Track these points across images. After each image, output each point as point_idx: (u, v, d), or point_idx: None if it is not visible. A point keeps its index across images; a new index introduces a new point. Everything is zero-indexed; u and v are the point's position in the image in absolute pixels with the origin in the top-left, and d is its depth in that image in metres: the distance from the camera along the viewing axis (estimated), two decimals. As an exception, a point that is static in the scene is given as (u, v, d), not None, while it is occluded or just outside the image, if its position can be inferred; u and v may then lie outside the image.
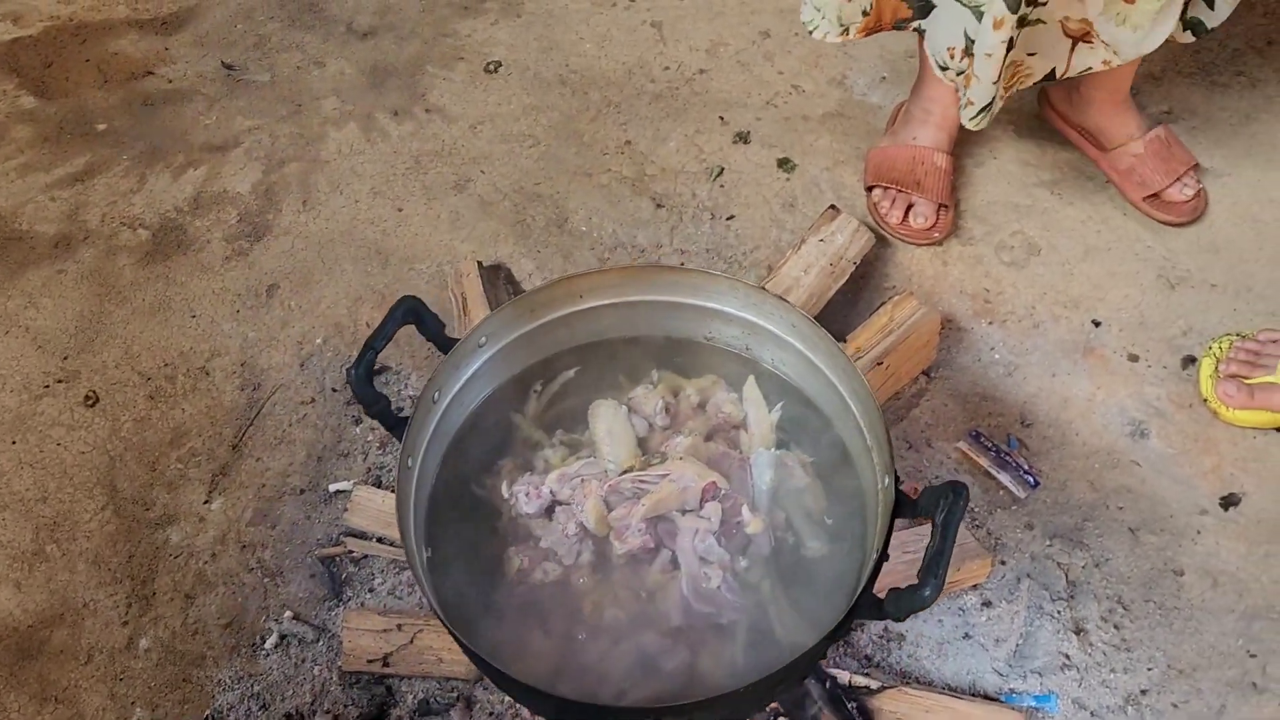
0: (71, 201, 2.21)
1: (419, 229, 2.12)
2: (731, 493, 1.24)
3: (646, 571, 1.23)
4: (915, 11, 1.79)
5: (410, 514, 1.18)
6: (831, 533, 1.24)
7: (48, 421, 1.87)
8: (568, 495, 1.27)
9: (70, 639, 1.65)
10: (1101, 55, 1.72)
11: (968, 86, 1.73)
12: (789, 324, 1.30)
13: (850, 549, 1.21)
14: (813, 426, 1.33)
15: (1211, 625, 1.56)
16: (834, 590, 1.18)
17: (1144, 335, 1.87)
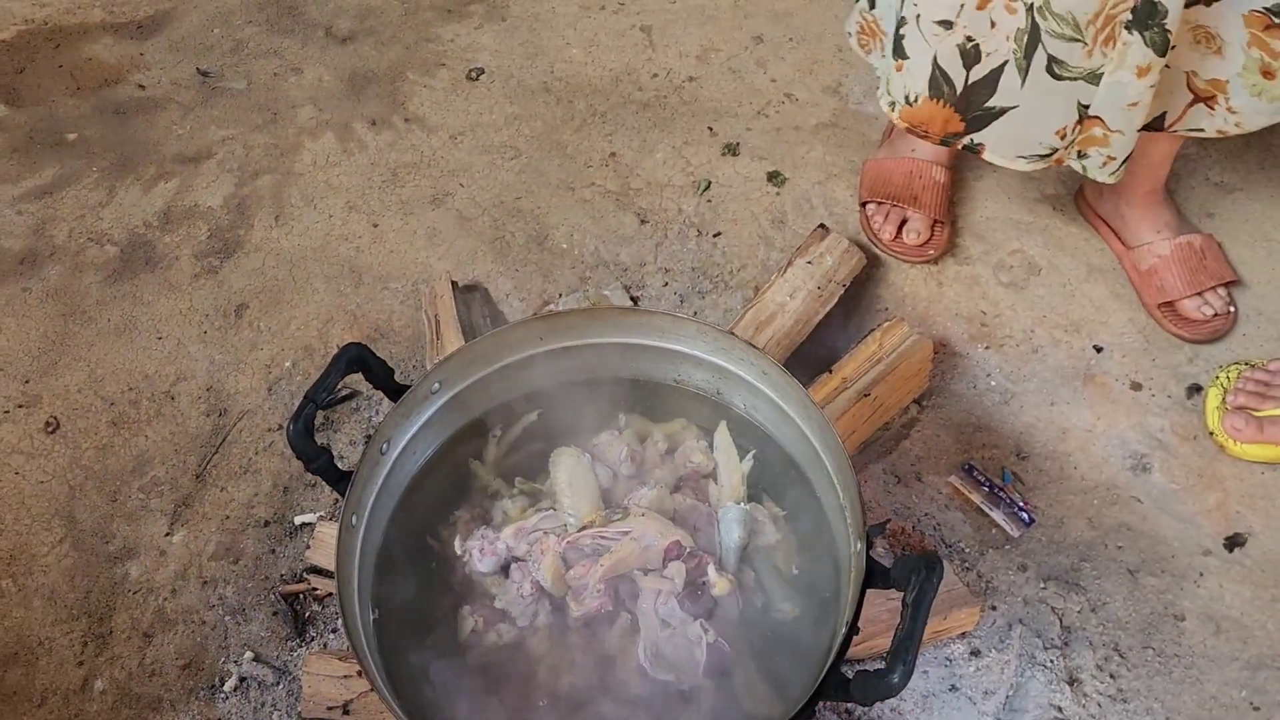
0: (39, 215, 2.15)
1: (394, 245, 2.04)
2: (697, 551, 1.17)
3: (605, 635, 1.15)
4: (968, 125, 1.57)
5: (353, 579, 1.12)
6: (803, 594, 1.17)
7: (6, 449, 1.81)
8: (524, 551, 1.19)
9: (24, 679, 1.59)
10: (1220, 123, 1.52)
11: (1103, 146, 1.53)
12: (759, 370, 1.22)
13: (821, 614, 1.13)
14: (785, 478, 1.25)
15: (1213, 674, 1.48)
16: (803, 658, 1.10)
17: (1148, 362, 1.78)
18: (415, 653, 1.15)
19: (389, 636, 1.15)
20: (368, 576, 1.15)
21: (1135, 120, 1.47)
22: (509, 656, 1.16)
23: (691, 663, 1.12)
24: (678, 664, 1.12)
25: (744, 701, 1.11)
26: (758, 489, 1.26)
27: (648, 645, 1.12)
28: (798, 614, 1.16)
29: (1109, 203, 1.85)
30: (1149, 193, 1.81)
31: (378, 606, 1.16)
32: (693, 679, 1.11)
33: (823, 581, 1.16)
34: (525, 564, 1.19)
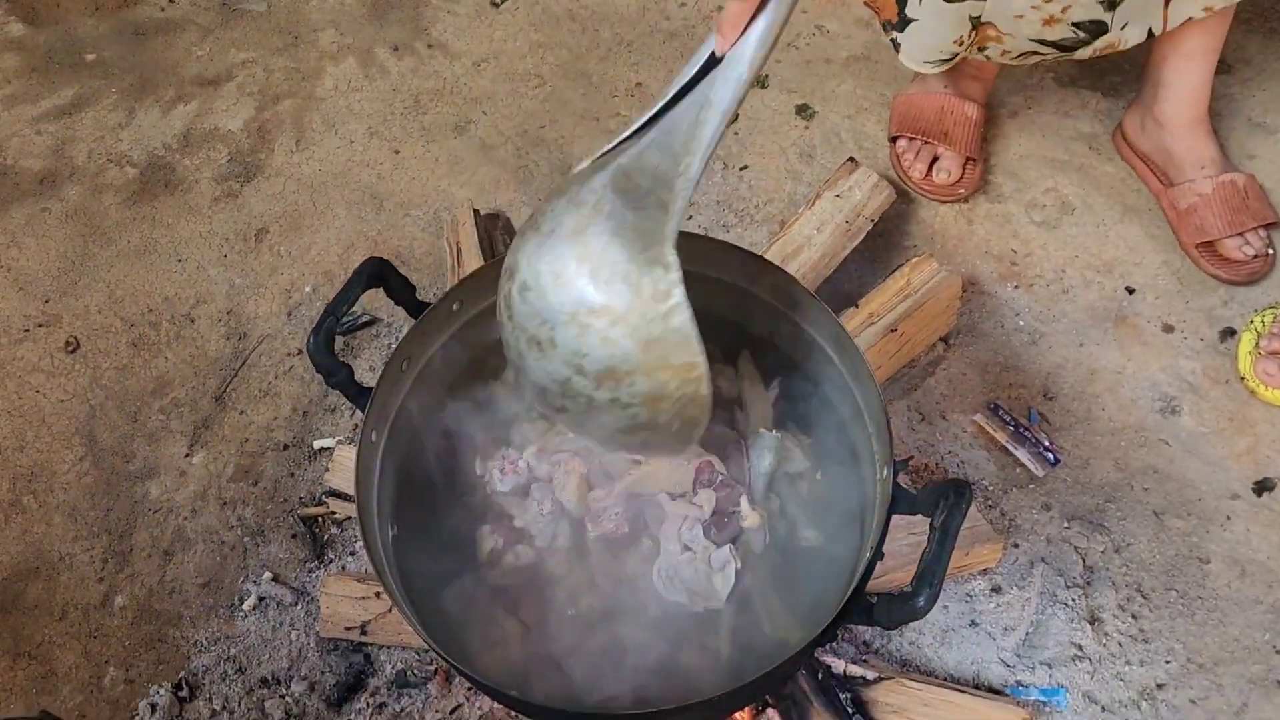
0: (58, 136, 2.13)
1: (416, 173, 2.02)
2: (730, 480, 1.15)
3: (622, 555, 1.14)
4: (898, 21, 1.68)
5: (372, 493, 1.11)
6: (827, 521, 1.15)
7: (27, 367, 1.81)
8: (546, 472, 1.18)
9: (45, 593, 1.61)
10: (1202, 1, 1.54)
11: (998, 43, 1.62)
12: (788, 295, 1.19)
13: (846, 540, 1.12)
14: (811, 406, 1.23)
15: (1237, 617, 1.46)
16: (827, 586, 1.09)
17: (1181, 304, 1.74)
18: (433, 570, 1.14)
19: (407, 554, 1.14)
20: (387, 494, 1.15)
21: (1024, 30, 1.57)
22: (527, 579, 1.15)
23: (707, 588, 1.11)
24: (693, 588, 1.11)
25: (765, 626, 1.10)
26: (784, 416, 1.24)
27: (664, 568, 1.11)
28: (822, 541, 1.15)
29: (1151, 137, 1.80)
30: (1193, 121, 1.75)
31: (396, 524, 1.16)
32: (706, 604, 1.10)
33: (848, 508, 1.15)
34: (546, 484, 1.17)
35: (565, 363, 1.00)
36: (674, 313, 0.96)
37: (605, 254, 0.96)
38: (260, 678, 1.49)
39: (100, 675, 1.54)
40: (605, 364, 0.98)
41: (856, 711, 1.31)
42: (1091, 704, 1.39)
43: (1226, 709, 1.39)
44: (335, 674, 1.48)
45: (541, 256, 0.99)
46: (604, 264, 0.96)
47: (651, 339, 0.96)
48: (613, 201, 0.97)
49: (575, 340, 0.98)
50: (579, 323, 0.98)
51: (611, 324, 0.97)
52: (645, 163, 0.99)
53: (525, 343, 1.03)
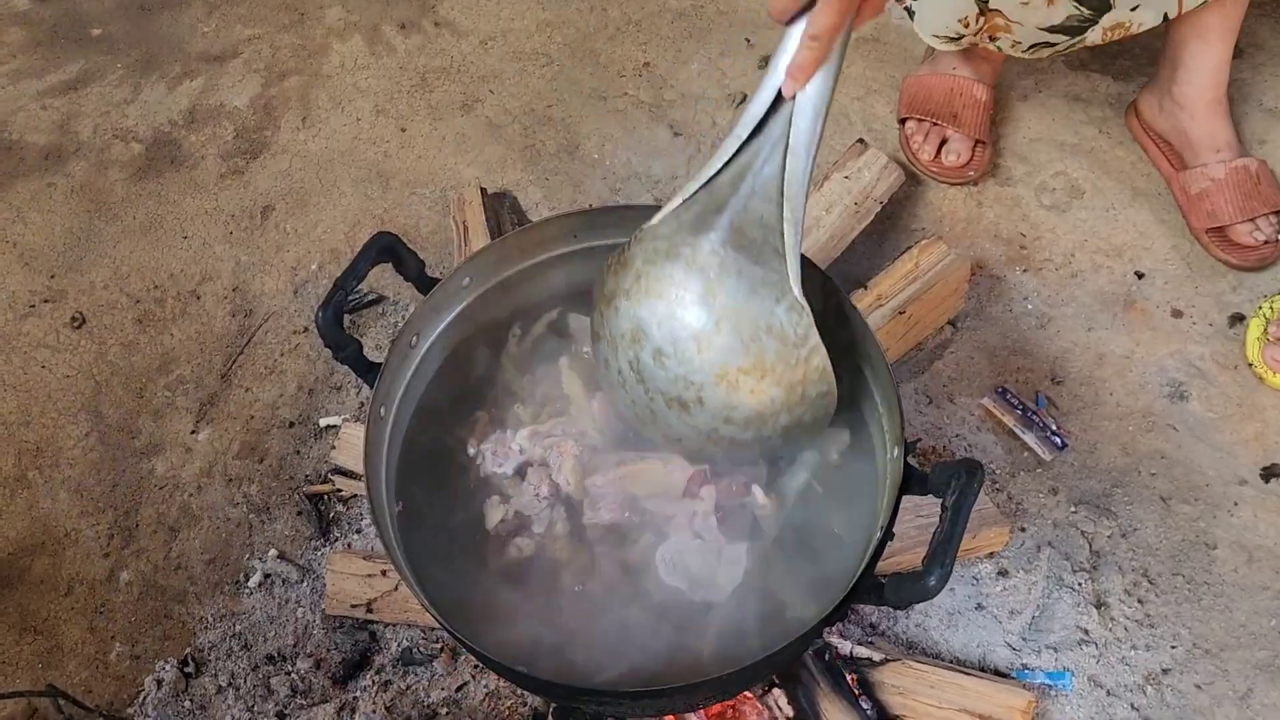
0: (63, 111, 2.12)
1: (423, 151, 2.01)
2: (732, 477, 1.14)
3: (619, 540, 1.14)
4: None
5: (381, 467, 1.10)
6: (837, 503, 1.15)
7: (32, 342, 1.81)
8: (540, 455, 1.17)
9: (51, 569, 1.61)
10: None
11: (1008, 33, 1.62)
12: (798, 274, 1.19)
13: (856, 521, 1.11)
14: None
15: (1243, 603, 1.46)
16: (835, 566, 1.09)
17: (1190, 289, 1.74)
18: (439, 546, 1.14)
19: (412, 529, 1.14)
20: (393, 469, 1.14)
21: (1030, 18, 1.56)
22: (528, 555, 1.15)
23: (709, 580, 1.10)
24: (696, 577, 1.10)
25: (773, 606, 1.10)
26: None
27: (669, 553, 1.10)
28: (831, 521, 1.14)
29: (1170, 117, 1.78)
30: (1212, 103, 1.74)
31: (401, 499, 1.15)
32: (704, 595, 1.10)
33: (858, 488, 1.14)
34: (541, 468, 1.17)
35: (713, 416, 1.06)
36: (814, 354, 1.02)
37: (745, 313, 1.01)
38: (266, 654, 1.49)
39: (106, 651, 1.54)
40: (754, 411, 1.05)
41: (863, 693, 1.31)
42: (1097, 688, 1.39)
43: (1232, 694, 1.39)
44: (341, 651, 1.48)
45: (676, 323, 1.03)
46: (745, 322, 1.01)
47: (794, 381, 1.03)
48: (737, 260, 1.02)
49: (725, 397, 1.04)
50: (728, 381, 1.04)
51: (760, 377, 1.03)
52: (752, 215, 1.02)
53: (664, 403, 1.08)
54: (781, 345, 1.01)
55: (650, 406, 1.09)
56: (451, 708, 1.39)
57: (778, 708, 1.29)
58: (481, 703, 1.38)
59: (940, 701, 1.29)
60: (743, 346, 1.02)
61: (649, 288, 1.05)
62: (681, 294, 1.03)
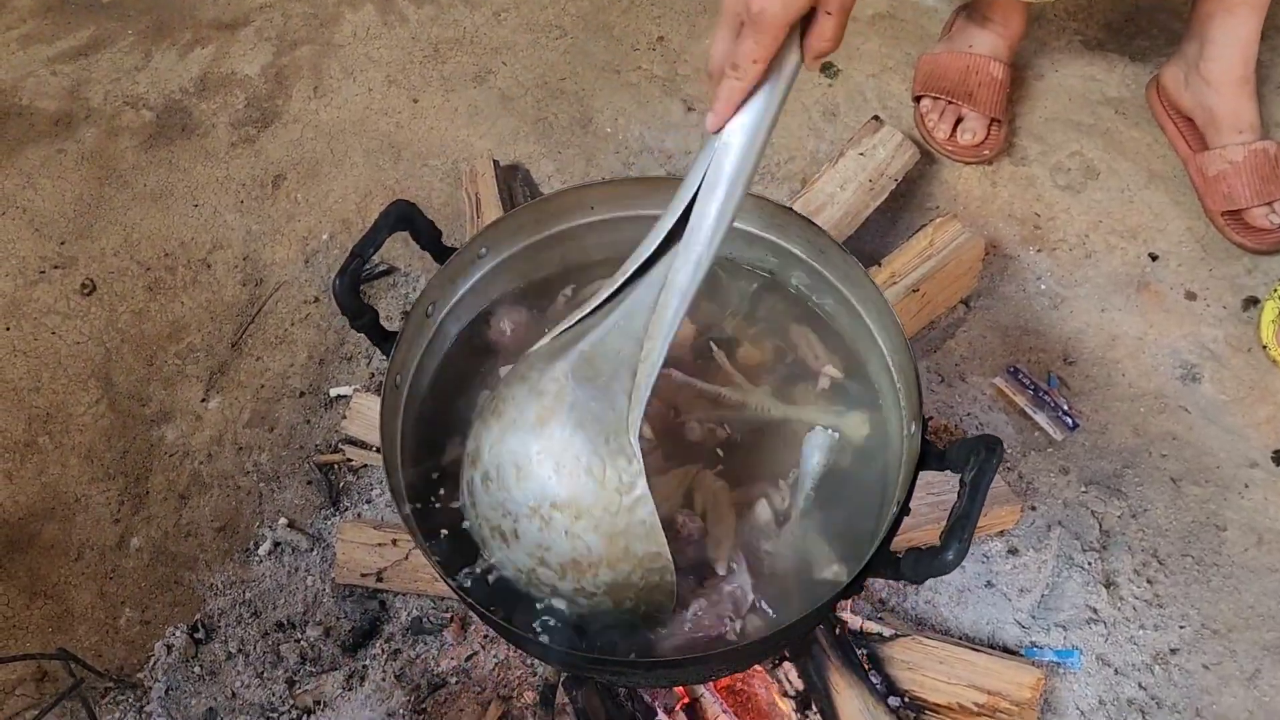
0: (74, 77, 2.10)
1: (434, 122, 2.00)
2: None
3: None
4: None
5: (396, 436, 1.10)
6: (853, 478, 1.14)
7: (43, 308, 1.80)
8: None
9: (61, 534, 1.61)
10: None
11: None
12: (817, 249, 1.18)
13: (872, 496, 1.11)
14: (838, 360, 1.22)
15: (1252, 585, 1.46)
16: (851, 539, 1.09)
17: (1204, 272, 1.73)
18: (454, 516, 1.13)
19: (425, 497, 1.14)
20: (409, 438, 1.14)
21: None
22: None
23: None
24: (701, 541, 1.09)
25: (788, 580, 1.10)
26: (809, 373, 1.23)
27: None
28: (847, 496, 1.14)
29: (1194, 94, 1.76)
30: (1240, 81, 1.72)
31: (415, 468, 1.15)
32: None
33: (874, 463, 1.14)
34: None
35: (528, 554, 1.00)
36: (638, 505, 0.95)
37: (568, 446, 0.95)
38: (275, 622, 1.50)
39: (116, 616, 1.54)
40: (569, 557, 0.98)
41: (873, 668, 1.31)
42: (1105, 666, 1.40)
43: (1239, 674, 1.40)
44: (350, 620, 1.48)
45: (504, 447, 0.98)
46: (567, 456, 0.95)
47: (615, 532, 0.96)
48: (574, 392, 0.96)
49: (538, 534, 0.98)
50: (541, 516, 0.97)
51: (575, 518, 0.96)
52: (607, 348, 0.98)
53: (489, 531, 1.03)
54: (600, 489, 0.95)
55: (481, 532, 1.05)
56: (461, 677, 1.40)
57: (787, 681, 1.29)
58: (491, 672, 1.39)
59: (949, 677, 1.30)
60: (558, 480, 0.96)
61: (495, 408, 1.02)
62: (516, 418, 0.99)
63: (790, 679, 1.29)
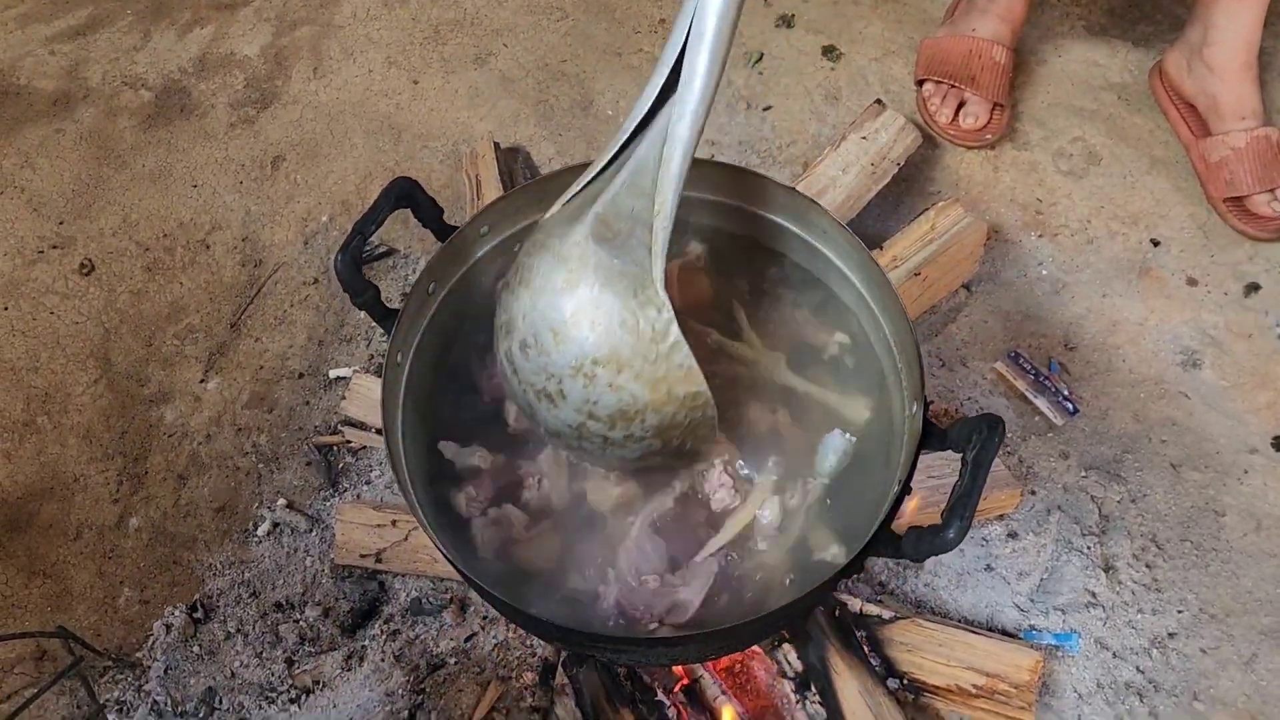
0: (72, 56, 2.09)
1: (435, 104, 1.99)
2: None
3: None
4: None
5: (397, 414, 1.10)
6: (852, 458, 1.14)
7: (41, 288, 1.80)
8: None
9: (60, 513, 1.61)
10: None
11: None
12: (819, 229, 1.18)
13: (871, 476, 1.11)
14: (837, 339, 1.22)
15: (1250, 570, 1.46)
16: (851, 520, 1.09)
17: (1206, 258, 1.73)
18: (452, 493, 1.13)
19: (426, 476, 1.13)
20: (409, 417, 1.14)
21: None
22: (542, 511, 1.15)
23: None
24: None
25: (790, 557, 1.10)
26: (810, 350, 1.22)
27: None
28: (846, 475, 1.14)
29: (1197, 80, 1.76)
30: (1244, 66, 1.71)
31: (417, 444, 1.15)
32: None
33: (875, 441, 1.14)
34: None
35: (576, 410, 1.03)
36: (674, 351, 0.99)
37: (599, 305, 0.99)
38: (274, 602, 1.50)
39: (115, 595, 1.54)
40: (615, 408, 1.02)
41: (872, 650, 1.31)
42: (1103, 650, 1.40)
43: (1236, 659, 1.40)
44: (349, 600, 1.48)
45: (537, 314, 1.02)
46: (600, 315, 0.99)
47: (657, 378, 1.00)
48: (596, 253, 0.99)
49: (583, 391, 1.01)
50: (584, 374, 1.01)
51: (617, 371, 1.00)
52: (620, 208, 1.01)
53: (534, 396, 1.06)
54: (637, 340, 0.99)
55: (526, 398, 1.08)
56: (460, 657, 1.40)
57: (786, 663, 1.30)
58: (490, 653, 1.39)
59: (948, 659, 1.30)
60: (596, 339, 0.99)
61: (521, 278, 1.04)
62: (544, 284, 1.01)
63: (789, 660, 1.29)
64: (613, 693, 1.26)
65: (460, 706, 1.34)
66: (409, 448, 1.12)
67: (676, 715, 1.27)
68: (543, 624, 0.98)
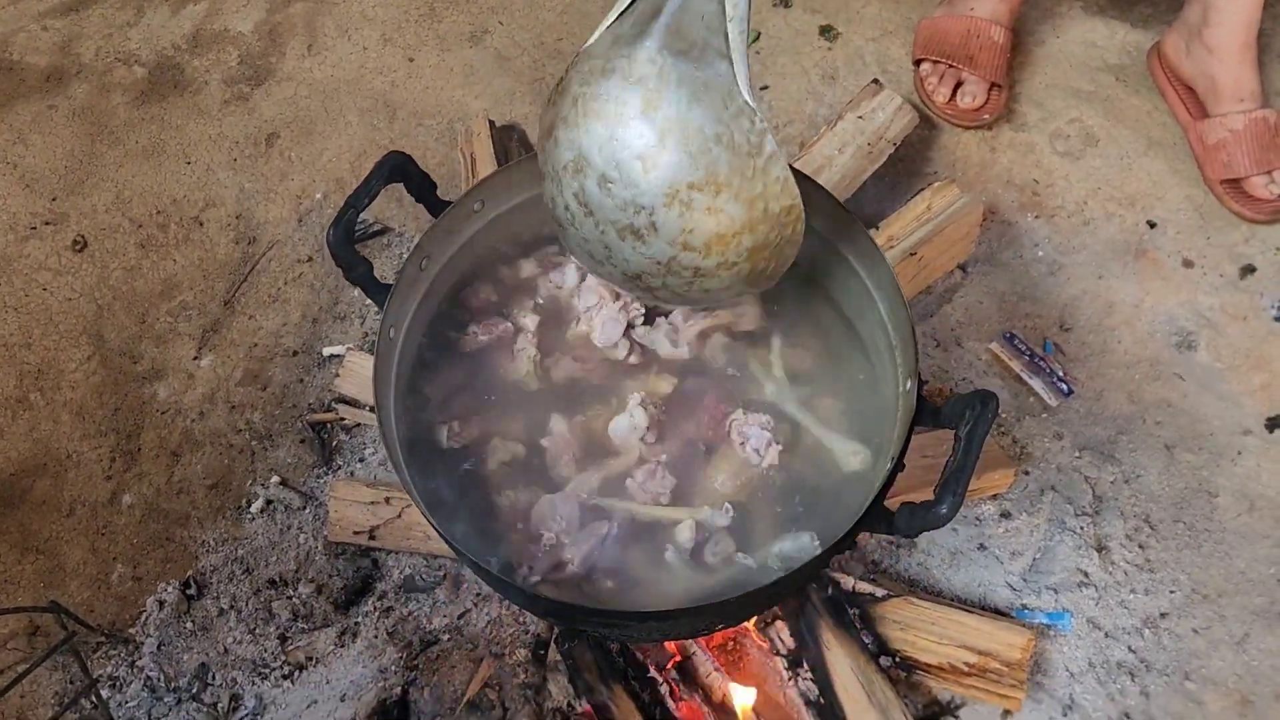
0: (65, 32, 2.08)
1: (430, 82, 1.98)
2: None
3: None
4: None
5: (390, 389, 1.10)
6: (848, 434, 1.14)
7: (34, 264, 1.79)
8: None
9: (53, 490, 1.60)
10: None
11: None
12: (815, 207, 1.17)
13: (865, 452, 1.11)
14: (832, 316, 1.21)
15: (1243, 550, 1.47)
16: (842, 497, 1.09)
17: (1202, 240, 1.72)
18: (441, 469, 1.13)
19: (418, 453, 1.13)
20: (402, 392, 1.13)
21: None
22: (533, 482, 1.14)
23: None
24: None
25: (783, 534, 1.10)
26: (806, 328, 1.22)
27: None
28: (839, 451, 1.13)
29: (1196, 61, 1.75)
30: (1243, 48, 1.70)
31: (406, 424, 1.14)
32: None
33: (869, 420, 1.13)
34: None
35: (670, 243, 0.97)
36: (771, 163, 0.93)
37: (689, 122, 0.91)
38: (268, 579, 1.50)
39: (108, 571, 1.54)
40: (713, 233, 0.96)
41: (865, 627, 1.31)
42: (1095, 630, 1.40)
43: (1228, 639, 1.40)
44: (343, 577, 1.48)
45: (618, 144, 0.94)
46: (692, 134, 0.92)
47: (754, 196, 0.94)
48: (676, 67, 0.91)
49: (679, 219, 0.95)
50: (680, 201, 0.94)
51: (715, 194, 0.94)
52: (691, 15, 0.92)
53: (616, 234, 0.99)
54: (734, 156, 0.92)
55: (603, 240, 1.00)
56: (453, 634, 1.40)
57: (779, 640, 1.30)
58: (484, 629, 1.39)
59: (940, 637, 1.30)
60: (691, 160, 0.92)
61: (586, 109, 0.95)
62: (620, 111, 0.93)
63: (782, 638, 1.30)
64: (606, 669, 1.26)
65: (453, 683, 1.35)
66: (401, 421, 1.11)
67: (669, 692, 1.27)
68: (535, 599, 0.98)
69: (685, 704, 1.27)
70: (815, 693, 1.27)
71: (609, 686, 1.25)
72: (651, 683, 1.27)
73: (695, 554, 1.06)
